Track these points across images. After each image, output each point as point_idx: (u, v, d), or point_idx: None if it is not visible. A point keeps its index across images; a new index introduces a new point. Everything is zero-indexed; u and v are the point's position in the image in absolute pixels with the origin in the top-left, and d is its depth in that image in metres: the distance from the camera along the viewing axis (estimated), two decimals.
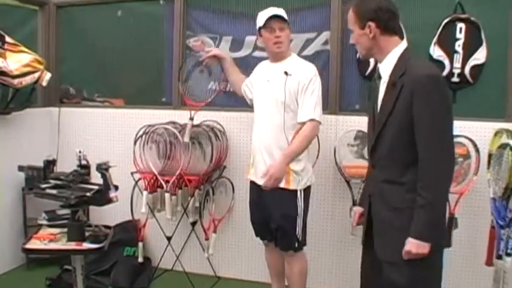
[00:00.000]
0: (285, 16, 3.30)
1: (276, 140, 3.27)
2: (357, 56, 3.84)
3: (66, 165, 3.61)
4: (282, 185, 3.22)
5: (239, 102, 3.93)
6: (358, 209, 2.78)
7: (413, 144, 2.23)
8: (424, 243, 2.22)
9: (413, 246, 2.24)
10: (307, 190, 3.34)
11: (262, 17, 3.30)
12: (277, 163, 3.16)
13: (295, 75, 3.25)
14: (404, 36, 3.08)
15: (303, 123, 3.21)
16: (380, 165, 2.41)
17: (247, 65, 3.83)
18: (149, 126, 4.05)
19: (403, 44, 2.38)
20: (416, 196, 2.21)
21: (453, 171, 2.28)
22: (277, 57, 3.36)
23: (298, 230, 3.28)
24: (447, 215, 3.11)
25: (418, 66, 2.28)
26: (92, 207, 3.60)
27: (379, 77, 2.44)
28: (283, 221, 3.28)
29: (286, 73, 3.25)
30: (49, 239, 3.21)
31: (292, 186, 3.26)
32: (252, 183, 3.46)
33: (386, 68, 2.39)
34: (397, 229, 2.30)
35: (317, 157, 3.84)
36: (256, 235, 3.58)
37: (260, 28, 3.32)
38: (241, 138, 4.15)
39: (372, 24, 2.35)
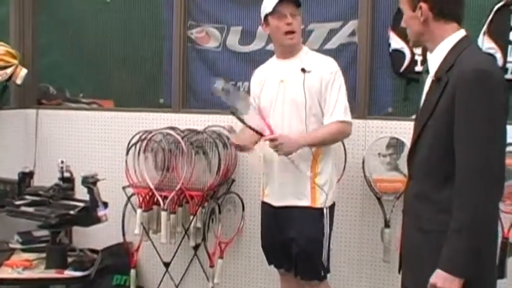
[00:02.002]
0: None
1: (297, 152, 3.19)
2: (390, 49, 3.83)
3: (46, 178, 3.62)
4: (307, 203, 3.21)
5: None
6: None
7: (453, 154, 2.17)
8: (453, 278, 2.12)
9: (439, 279, 2.14)
10: (332, 208, 3.33)
11: (269, 2, 3.25)
12: (292, 138, 3.14)
13: (315, 71, 3.23)
14: None
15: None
16: (415, 176, 2.37)
17: (259, 62, 3.80)
18: (145, 132, 4.04)
19: (461, 33, 2.30)
20: (450, 218, 2.14)
21: (500, 187, 2.20)
22: (287, 51, 3.33)
23: (325, 255, 3.27)
24: (499, 240, 3.01)
25: (469, 59, 2.21)
26: (75, 228, 3.64)
27: (427, 71, 2.37)
28: (308, 245, 3.25)
29: (303, 70, 3.23)
30: (23, 266, 3.22)
31: (318, 204, 3.24)
32: (266, 204, 3.44)
33: (435, 59, 2.34)
34: (425, 256, 2.25)
35: (343, 169, 3.82)
36: (270, 263, 3.56)
37: (267, 15, 3.27)
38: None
39: (424, 5, 2.28)
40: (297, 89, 3.22)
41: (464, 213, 2.09)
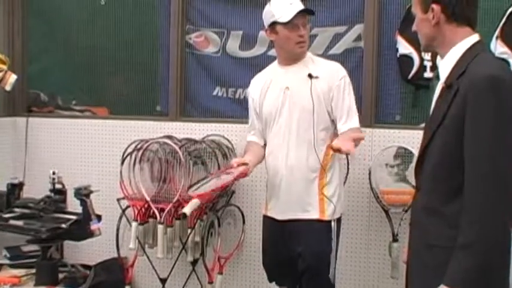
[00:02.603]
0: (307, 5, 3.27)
1: (305, 160, 3.21)
2: (397, 54, 3.82)
3: (36, 190, 3.62)
4: (315, 215, 3.20)
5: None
6: None
7: (463, 165, 2.15)
8: None
9: None
10: (339, 221, 3.33)
11: (284, 11, 3.20)
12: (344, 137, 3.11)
13: (323, 77, 3.23)
14: None
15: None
16: (423, 188, 2.35)
17: (261, 67, 3.79)
18: (140, 141, 4.02)
19: (474, 38, 2.29)
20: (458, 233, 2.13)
21: None
22: (293, 58, 3.32)
23: (332, 270, 3.24)
24: None
25: (481, 66, 2.19)
26: (67, 243, 3.61)
27: (438, 77, 2.36)
28: (316, 259, 3.23)
29: (310, 76, 3.22)
30: (11, 283, 3.27)
31: (326, 216, 3.22)
32: (269, 219, 3.41)
33: (446, 65, 2.33)
34: (432, 273, 2.22)
35: (346, 178, 3.79)
36: (271, 280, 3.53)
37: (276, 23, 3.23)
38: None
39: (436, 7, 2.27)
40: (304, 96, 3.21)
41: (472, 230, 2.07)
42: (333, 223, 3.23)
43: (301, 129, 3.22)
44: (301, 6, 3.19)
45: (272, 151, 3.33)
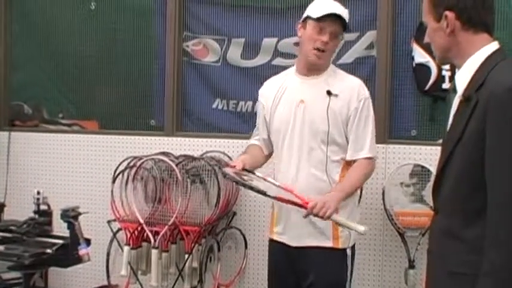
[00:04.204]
0: (347, 18, 3.19)
1: (315, 182, 3.19)
2: (413, 63, 3.84)
3: (19, 211, 3.63)
4: (328, 243, 3.18)
5: (253, 126, 3.86)
6: None
7: (485, 185, 2.13)
8: None
9: None
10: (354, 248, 3.29)
11: (318, 8, 3.19)
12: (328, 195, 3.08)
13: (342, 96, 3.19)
14: None
15: (354, 161, 3.19)
16: (442, 210, 2.33)
17: (265, 78, 3.80)
18: (133, 158, 4.05)
19: (493, 45, 2.27)
20: (482, 259, 2.11)
21: None
22: (312, 68, 3.28)
23: None
24: None
25: (502, 76, 2.18)
26: (53, 269, 3.60)
27: (454, 90, 2.36)
28: None
29: (329, 93, 3.18)
30: None
31: (341, 244, 3.20)
32: (277, 243, 3.37)
33: (463, 77, 2.31)
34: None
35: (359, 200, 3.73)
36: None
37: (308, 17, 3.21)
38: None
39: (449, 14, 2.25)
40: (319, 113, 3.18)
41: (497, 254, 2.06)
42: (348, 251, 3.21)
43: (313, 151, 3.19)
44: (336, 10, 3.14)
45: (281, 169, 3.30)
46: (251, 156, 3.35)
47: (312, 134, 3.19)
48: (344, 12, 3.16)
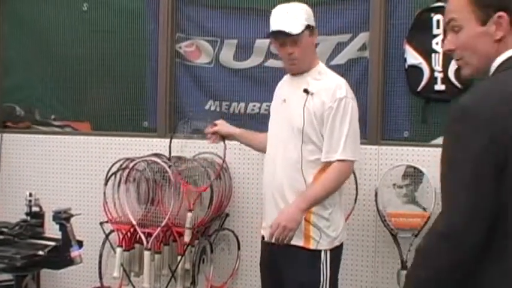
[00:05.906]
0: (294, 30, 3.11)
1: (289, 181, 3.19)
2: (405, 65, 3.84)
3: (10, 213, 3.63)
4: (299, 242, 3.14)
5: (246, 127, 3.87)
6: None
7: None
8: None
9: None
10: (335, 251, 3.22)
11: (270, 24, 3.20)
12: (290, 208, 3.10)
13: (319, 94, 3.17)
14: None
15: (329, 163, 3.13)
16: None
17: (257, 80, 3.81)
18: (126, 160, 4.04)
19: (509, 52, 1.93)
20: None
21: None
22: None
23: None
24: None
25: (474, 90, 1.94)
26: (45, 271, 3.59)
27: None
28: None
29: (306, 91, 3.18)
30: None
31: (312, 245, 3.16)
32: (262, 238, 3.41)
33: None
34: None
35: (355, 202, 3.83)
36: None
37: None
38: (251, 176, 4.12)
39: (504, 15, 1.89)
40: (296, 111, 3.18)
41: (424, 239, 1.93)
42: (322, 254, 3.15)
43: (289, 149, 3.19)
44: (279, 25, 3.11)
45: (264, 170, 3.36)
46: (250, 132, 3.56)
47: (288, 131, 3.21)
48: (286, 23, 3.10)
